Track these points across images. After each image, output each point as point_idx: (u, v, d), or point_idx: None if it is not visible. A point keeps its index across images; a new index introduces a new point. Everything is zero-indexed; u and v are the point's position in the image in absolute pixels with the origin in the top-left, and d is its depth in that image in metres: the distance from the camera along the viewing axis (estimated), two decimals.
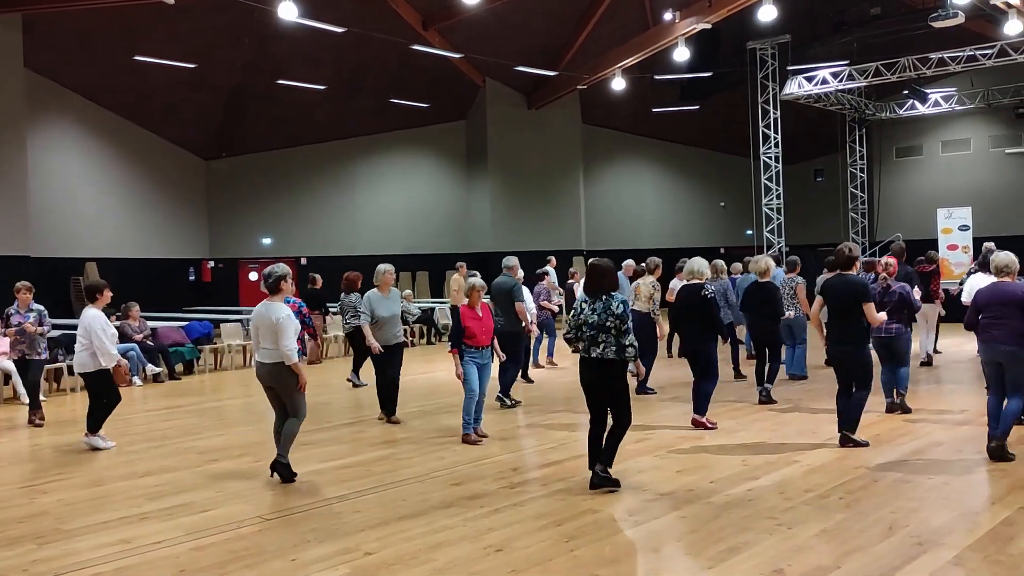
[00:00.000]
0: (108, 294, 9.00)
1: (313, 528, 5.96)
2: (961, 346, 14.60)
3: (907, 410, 9.36)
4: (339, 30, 19.91)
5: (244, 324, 17.45)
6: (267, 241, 26.01)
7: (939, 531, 5.52)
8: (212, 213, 25.57)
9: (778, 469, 7.18)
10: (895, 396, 9.41)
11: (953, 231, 23.61)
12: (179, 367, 14.89)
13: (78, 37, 20.03)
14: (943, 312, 13.64)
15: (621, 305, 6.57)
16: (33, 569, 5.30)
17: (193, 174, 25.15)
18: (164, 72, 21.29)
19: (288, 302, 7.54)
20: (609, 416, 6.73)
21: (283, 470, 7.18)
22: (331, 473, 7.52)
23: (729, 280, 13.56)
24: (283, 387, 7.22)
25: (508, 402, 10.57)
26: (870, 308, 7.69)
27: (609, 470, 6.62)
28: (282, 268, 7.34)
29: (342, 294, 13.66)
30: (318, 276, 15.60)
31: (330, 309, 16.37)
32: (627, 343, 6.51)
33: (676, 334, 10.15)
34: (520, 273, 11.34)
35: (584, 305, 6.71)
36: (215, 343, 16.22)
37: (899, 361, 9.40)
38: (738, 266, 14.44)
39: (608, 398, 6.66)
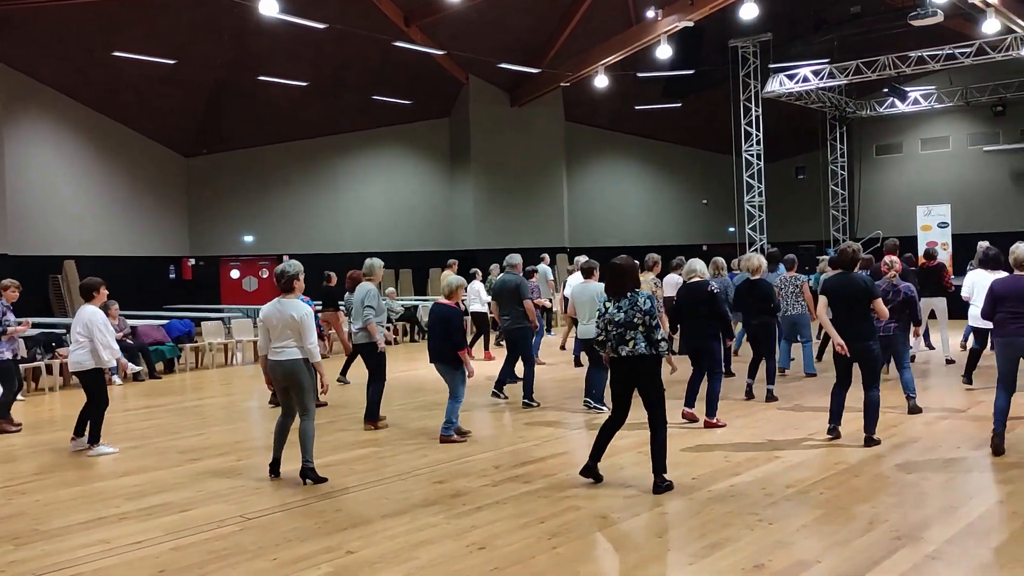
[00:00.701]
0: (104, 292, 8.94)
1: (295, 527, 5.93)
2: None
3: (918, 410, 9.16)
4: (320, 26, 19.82)
5: (225, 322, 17.38)
6: (249, 239, 25.88)
7: (918, 525, 5.56)
8: (192, 210, 25.41)
9: (760, 465, 7.21)
10: (906, 400, 9.30)
11: (932, 228, 23.80)
12: (159, 366, 14.79)
13: (55, 32, 19.84)
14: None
15: (648, 301, 6.50)
16: (11, 570, 5.24)
17: (173, 171, 24.98)
18: (143, 68, 21.12)
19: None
20: (626, 415, 6.68)
21: (312, 474, 7.05)
22: None
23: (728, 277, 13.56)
24: (297, 385, 7.08)
25: (534, 403, 10.40)
26: (879, 303, 7.69)
27: (665, 475, 6.49)
28: (295, 266, 7.22)
29: (346, 293, 13.66)
30: (333, 274, 15.59)
31: (340, 306, 16.32)
32: (658, 337, 6.44)
33: (677, 331, 10.01)
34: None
35: (608, 305, 6.62)
36: (196, 342, 16.12)
37: (898, 364, 9.35)
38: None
39: (643, 395, 6.56)
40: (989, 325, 7.91)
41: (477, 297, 15.33)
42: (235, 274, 26.34)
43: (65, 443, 8.89)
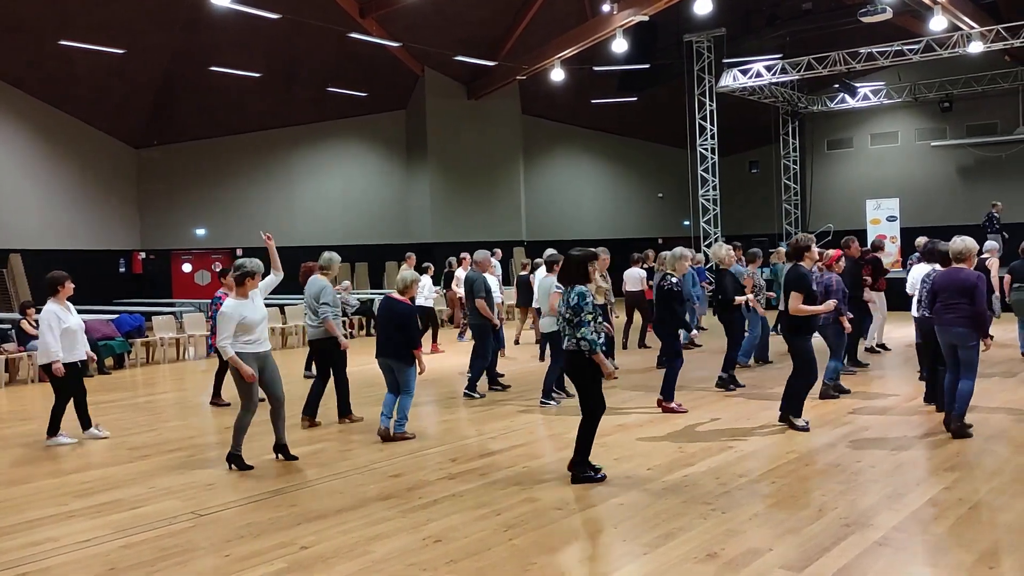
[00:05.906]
0: (70, 286, 8.73)
1: (248, 523, 5.86)
2: (890, 332, 14.94)
3: (830, 396, 9.52)
4: (274, 16, 19.56)
5: (177, 317, 17.11)
6: (201, 232, 25.48)
7: (866, 513, 5.67)
8: (143, 203, 24.93)
9: (713, 455, 7.30)
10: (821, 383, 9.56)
11: (881, 222, 24.24)
12: (109, 361, 14.51)
13: (2, 21, 19.29)
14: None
15: (575, 296, 6.48)
16: None
17: (123, 163, 24.46)
18: (91, 58, 20.64)
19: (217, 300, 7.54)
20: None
21: (238, 461, 7.32)
22: (266, 467, 7.42)
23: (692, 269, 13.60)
24: (236, 378, 7.26)
25: (476, 395, 10.60)
26: (793, 297, 7.96)
27: (581, 467, 6.55)
28: (252, 264, 7.34)
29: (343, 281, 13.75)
30: (453, 259, 17.52)
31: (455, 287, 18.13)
32: (579, 335, 6.41)
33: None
34: (493, 264, 11.53)
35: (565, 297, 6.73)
36: (147, 336, 15.84)
37: (830, 352, 9.63)
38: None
39: (576, 388, 6.66)
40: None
41: (422, 292, 15.28)
42: (187, 268, 25.92)
43: (3, 440, 8.67)
